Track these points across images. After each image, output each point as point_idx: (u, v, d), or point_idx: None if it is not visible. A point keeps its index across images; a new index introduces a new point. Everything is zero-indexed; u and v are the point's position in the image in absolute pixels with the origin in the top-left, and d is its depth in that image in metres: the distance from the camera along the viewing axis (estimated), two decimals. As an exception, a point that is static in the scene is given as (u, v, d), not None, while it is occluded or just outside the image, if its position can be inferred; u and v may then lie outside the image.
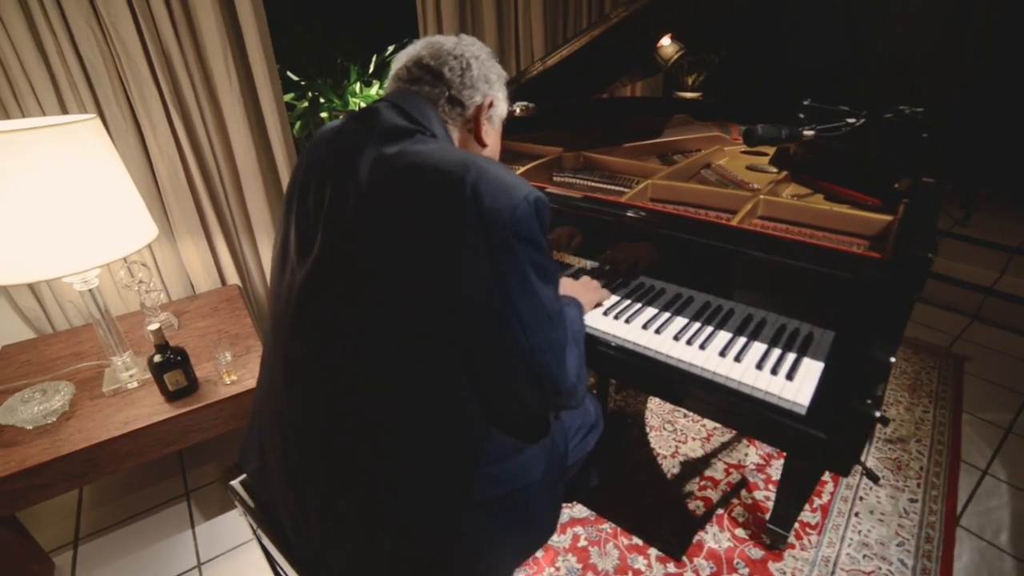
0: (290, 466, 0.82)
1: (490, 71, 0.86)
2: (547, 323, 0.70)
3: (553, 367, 0.72)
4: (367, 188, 0.72)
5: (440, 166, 0.70)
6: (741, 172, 1.57)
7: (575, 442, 1.11)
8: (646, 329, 1.08)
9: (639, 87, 3.27)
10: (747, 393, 0.91)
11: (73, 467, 1.32)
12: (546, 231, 0.71)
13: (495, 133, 0.90)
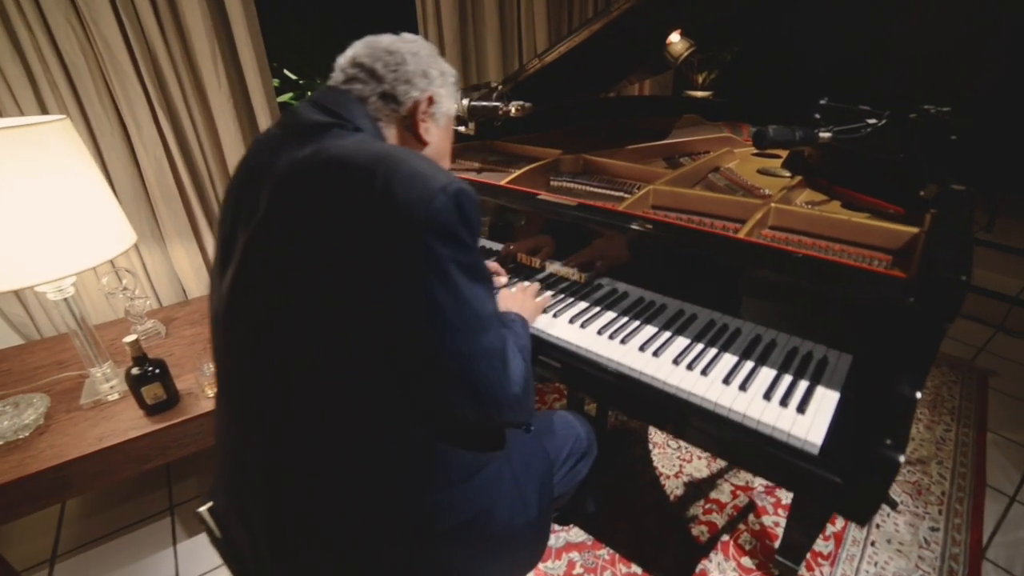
0: (237, 496, 0.77)
1: (430, 67, 0.82)
2: (478, 326, 0.64)
3: (490, 375, 0.66)
4: (277, 192, 0.69)
5: (351, 160, 0.66)
6: (752, 176, 1.47)
7: (564, 471, 1.03)
8: (643, 351, 0.99)
9: (648, 86, 3.17)
10: (752, 428, 0.82)
11: (41, 487, 1.27)
12: (472, 225, 0.64)
13: (441, 131, 0.85)
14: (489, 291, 0.68)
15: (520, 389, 0.70)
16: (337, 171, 0.66)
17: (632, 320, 1.10)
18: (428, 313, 0.62)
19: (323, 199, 0.65)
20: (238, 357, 0.73)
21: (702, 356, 0.97)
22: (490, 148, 1.85)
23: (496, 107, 1.55)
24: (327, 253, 0.64)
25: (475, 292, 0.64)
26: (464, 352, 0.64)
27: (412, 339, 0.63)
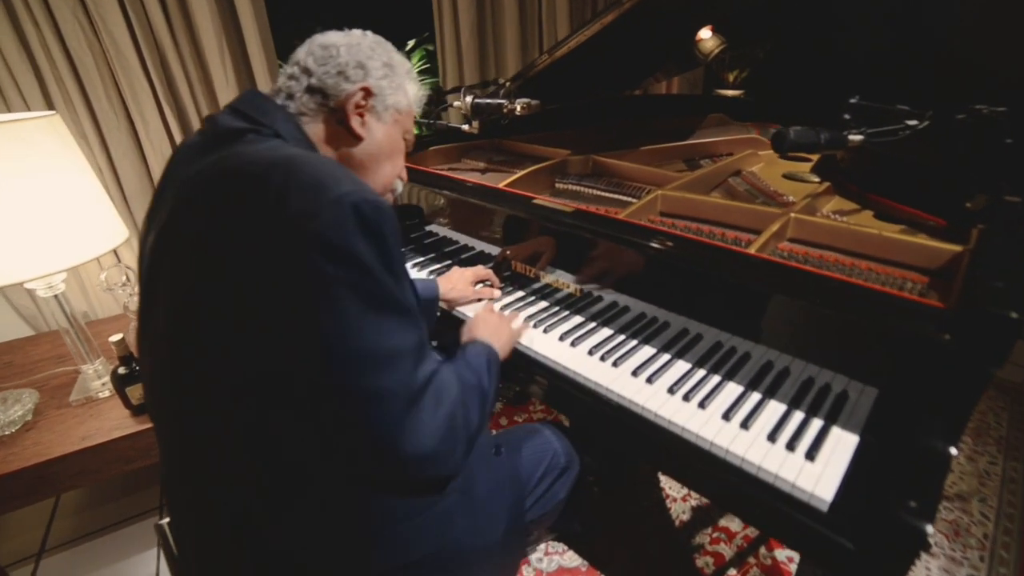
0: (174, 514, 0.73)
1: (371, 58, 0.75)
2: (373, 364, 0.56)
3: (386, 423, 0.57)
4: (176, 203, 0.64)
5: (248, 168, 0.60)
6: (776, 181, 1.34)
7: (540, 491, 0.95)
8: (636, 376, 0.89)
9: (677, 84, 3.02)
10: (751, 474, 0.71)
11: (21, 485, 1.25)
12: (377, 244, 0.56)
13: (383, 127, 0.78)
14: (403, 322, 0.58)
15: (434, 444, 0.60)
16: (232, 180, 0.60)
17: (630, 339, 1.00)
18: (313, 343, 0.55)
19: (216, 211, 0.60)
20: (149, 374, 0.68)
21: (702, 385, 0.86)
22: (499, 148, 1.77)
23: (500, 104, 1.46)
24: (219, 270, 0.58)
25: (372, 323, 0.56)
26: (353, 392, 0.55)
27: (300, 372, 0.56)
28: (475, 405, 0.71)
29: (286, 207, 0.55)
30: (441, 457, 0.62)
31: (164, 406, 0.67)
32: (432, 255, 1.47)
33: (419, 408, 0.59)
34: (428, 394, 0.61)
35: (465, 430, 0.66)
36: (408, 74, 0.81)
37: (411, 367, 0.59)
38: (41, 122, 1.17)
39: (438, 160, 1.69)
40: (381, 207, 0.57)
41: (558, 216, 1.06)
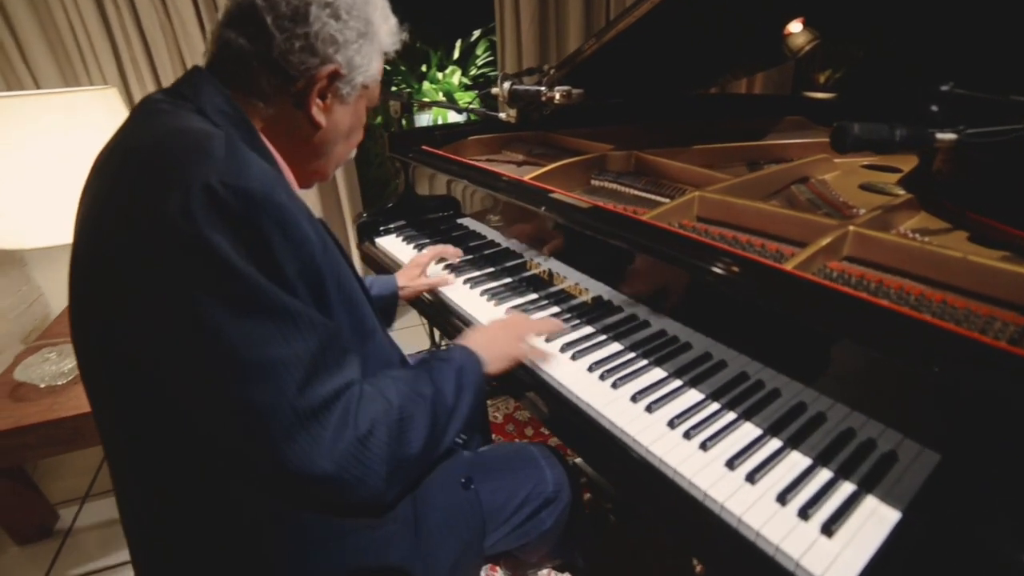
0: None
1: (345, 28, 0.62)
2: (240, 376, 0.49)
3: (264, 443, 0.50)
4: (85, 185, 0.59)
5: (129, 148, 0.55)
6: (848, 192, 1.15)
7: (520, 518, 0.85)
8: (635, 402, 0.77)
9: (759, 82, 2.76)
10: (749, 540, 0.58)
11: (64, 432, 1.34)
12: (243, 235, 0.48)
13: (346, 108, 0.68)
14: (282, 328, 0.50)
15: (332, 469, 0.52)
16: (103, 171, 0.56)
17: (640, 359, 0.88)
18: (173, 349, 0.49)
19: (97, 195, 0.56)
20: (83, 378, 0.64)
21: (711, 422, 0.73)
22: (543, 141, 1.67)
23: (539, 91, 1.36)
24: (94, 262, 0.54)
25: (237, 328, 0.48)
26: (225, 406, 0.50)
27: (168, 375, 0.51)
28: (420, 421, 0.62)
29: (139, 193, 0.50)
30: (347, 484, 0.54)
31: (87, 389, 0.63)
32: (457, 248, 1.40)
33: (311, 426, 0.51)
34: (332, 411, 0.53)
35: (391, 453, 0.57)
36: (385, 22, 0.69)
37: (297, 380, 0.51)
38: (96, 94, 1.23)
39: (477, 150, 1.63)
40: (249, 192, 0.49)
41: (572, 212, 0.95)
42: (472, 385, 0.73)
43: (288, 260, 0.52)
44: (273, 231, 0.50)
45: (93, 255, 0.55)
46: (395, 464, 0.58)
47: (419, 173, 1.55)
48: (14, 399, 1.39)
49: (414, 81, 2.82)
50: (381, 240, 1.52)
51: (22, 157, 1.16)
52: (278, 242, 0.50)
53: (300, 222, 0.54)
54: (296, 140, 0.67)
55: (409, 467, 0.61)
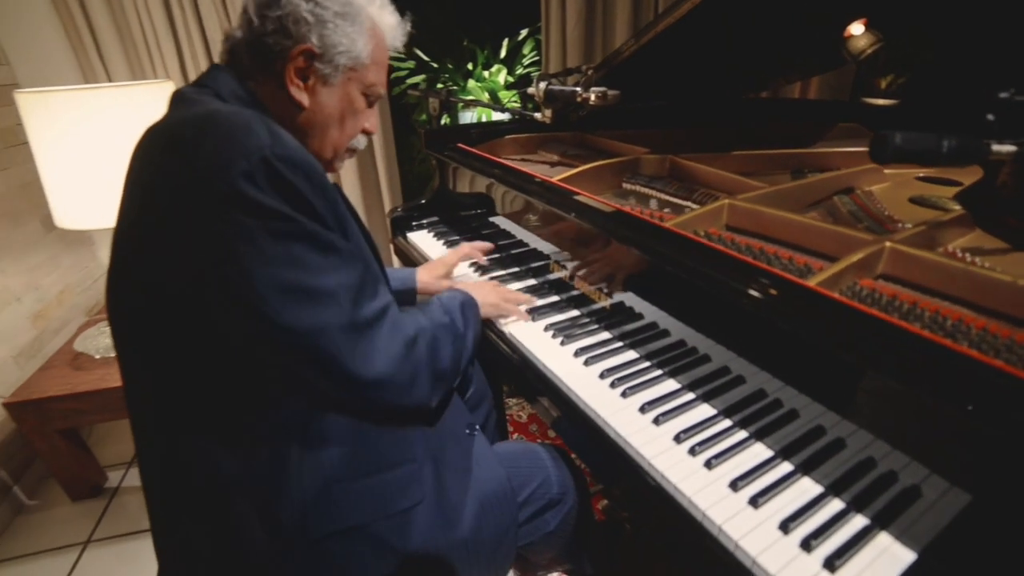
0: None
1: (317, 8, 0.66)
2: (306, 299, 0.57)
3: (331, 349, 0.59)
4: (129, 166, 0.64)
5: (174, 126, 0.60)
6: (897, 205, 1.08)
7: (525, 515, 0.87)
8: (643, 413, 0.76)
9: (815, 86, 2.62)
10: (745, 567, 0.55)
11: (115, 400, 1.44)
12: (290, 193, 0.56)
13: (332, 90, 0.71)
14: (331, 259, 0.59)
15: (389, 368, 0.62)
16: (157, 139, 0.61)
17: (654, 368, 0.86)
18: (242, 288, 0.55)
19: (144, 170, 0.61)
20: (117, 346, 0.69)
21: (719, 439, 0.70)
22: (580, 142, 1.66)
23: (574, 92, 1.35)
24: (148, 227, 0.59)
25: (295, 260, 0.57)
26: (293, 325, 0.57)
27: (234, 319, 0.57)
28: (446, 341, 0.72)
29: (198, 160, 0.55)
30: (398, 382, 0.64)
31: (119, 356, 0.68)
32: (485, 246, 1.41)
33: (368, 334, 0.61)
34: (382, 321, 0.63)
35: (431, 361, 0.68)
36: (380, 10, 0.73)
37: (351, 299, 0.60)
38: (155, 87, 1.31)
39: (512, 149, 1.63)
40: (294, 159, 0.56)
41: (593, 215, 0.94)
42: (473, 318, 0.84)
43: (326, 211, 0.60)
44: (315, 189, 0.58)
45: (146, 218, 0.60)
46: (434, 372, 0.69)
47: (461, 171, 1.56)
48: (73, 367, 1.51)
49: (460, 79, 2.85)
50: (413, 235, 1.55)
51: (90, 146, 1.25)
52: (318, 197, 0.59)
53: (329, 183, 0.62)
54: (287, 120, 0.71)
55: (444, 378, 0.72)
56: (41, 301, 1.77)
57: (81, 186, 1.29)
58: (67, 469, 1.55)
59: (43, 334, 1.75)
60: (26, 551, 1.45)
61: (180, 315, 0.58)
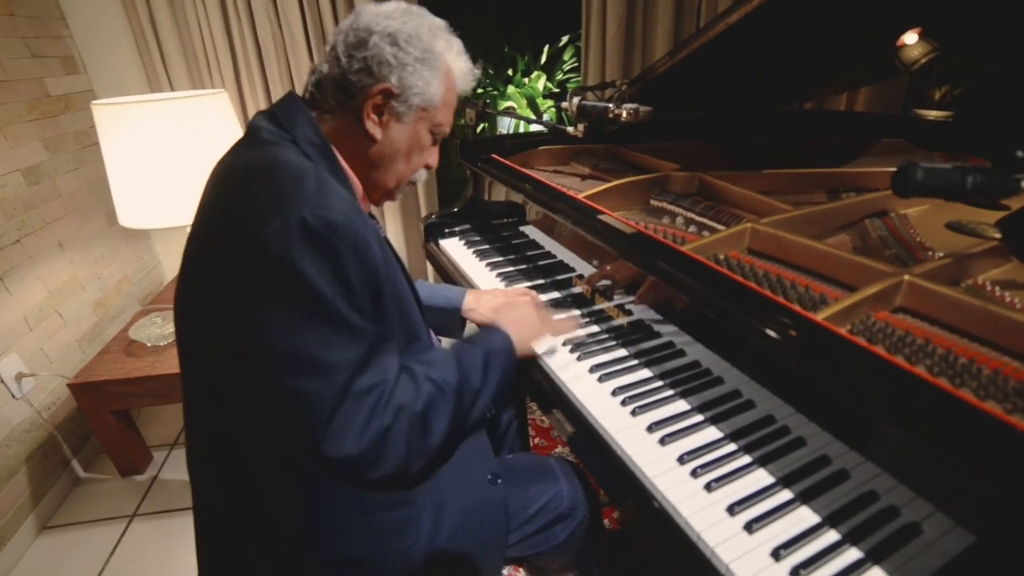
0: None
1: (402, 49, 0.71)
2: (300, 367, 0.60)
3: (308, 422, 0.61)
4: (202, 196, 0.72)
5: (237, 173, 0.67)
6: (931, 231, 1.05)
7: (533, 528, 0.89)
8: (650, 432, 0.78)
9: (862, 98, 2.54)
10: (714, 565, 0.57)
11: (161, 386, 1.56)
12: (326, 259, 0.60)
13: (403, 127, 0.76)
14: (340, 334, 0.62)
15: (356, 450, 0.62)
16: (222, 183, 0.68)
17: (667, 388, 0.87)
18: (253, 340, 0.60)
19: (208, 209, 0.69)
20: (179, 351, 0.77)
21: (722, 463, 0.72)
22: (613, 154, 1.67)
23: (606, 108, 1.37)
24: (203, 263, 0.67)
25: (307, 330, 0.60)
26: (283, 389, 0.61)
27: (246, 363, 0.63)
28: (443, 410, 0.71)
29: (248, 214, 0.61)
30: (367, 463, 0.64)
31: (181, 376, 0.76)
32: (512, 256, 1.45)
33: (346, 411, 0.62)
34: (364, 404, 0.63)
35: (409, 440, 0.67)
36: (456, 57, 0.77)
37: (343, 376, 0.62)
38: (210, 98, 1.41)
39: (545, 161, 1.66)
40: (333, 223, 0.60)
41: (613, 235, 0.96)
42: (499, 366, 0.81)
43: (355, 274, 0.63)
44: (347, 252, 0.61)
45: (202, 255, 0.68)
46: (414, 448, 0.68)
47: (493, 180, 1.60)
48: (127, 354, 1.63)
49: (500, 84, 2.90)
50: (445, 242, 1.60)
51: (153, 152, 1.36)
52: (349, 261, 0.61)
53: (370, 243, 0.64)
54: (358, 152, 0.77)
55: (432, 445, 0.70)
56: (102, 290, 1.92)
57: (143, 189, 1.40)
58: (118, 447, 1.67)
59: (102, 320, 1.90)
60: (81, 519, 1.58)
61: (215, 343, 0.66)
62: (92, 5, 1.83)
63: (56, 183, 1.74)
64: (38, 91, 1.69)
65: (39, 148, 1.68)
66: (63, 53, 1.82)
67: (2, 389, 1.46)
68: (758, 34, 1.23)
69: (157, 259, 2.28)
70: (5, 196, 1.53)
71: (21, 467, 1.50)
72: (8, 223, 1.53)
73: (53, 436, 1.63)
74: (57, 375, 1.64)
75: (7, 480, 1.45)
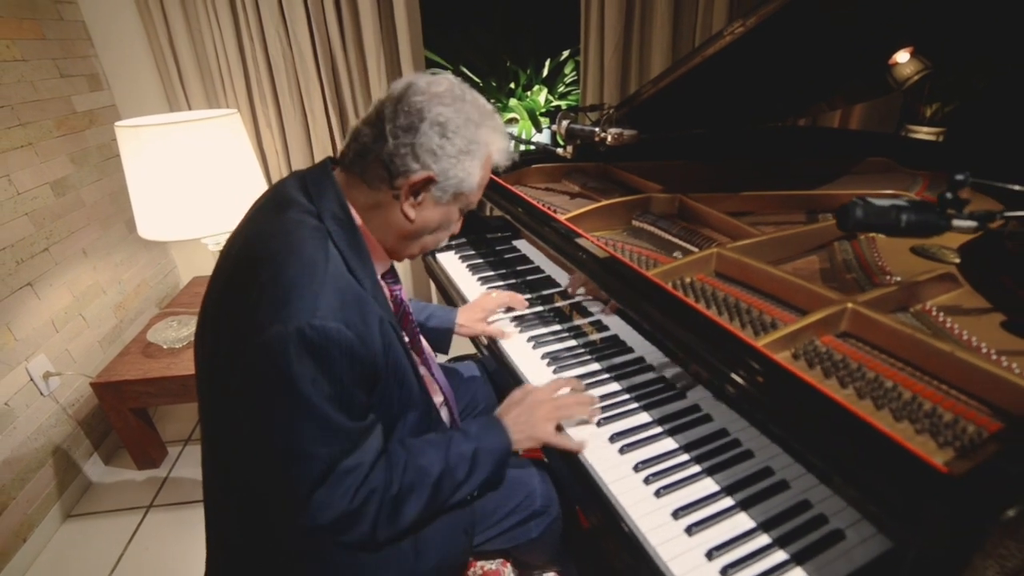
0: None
1: (449, 140, 0.73)
2: (285, 455, 0.67)
3: (289, 498, 0.69)
4: (223, 256, 0.79)
5: (261, 252, 0.71)
6: (894, 255, 1.11)
7: (508, 524, 0.97)
8: (613, 442, 0.85)
9: (858, 114, 2.58)
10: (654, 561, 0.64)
11: (176, 386, 1.66)
12: (317, 364, 0.65)
13: (439, 208, 0.79)
14: (325, 434, 0.67)
15: (324, 522, 0.69)
16: (249, 247, 0.74)
17: (631, 401, 0.95)
18: (246, 422, 0.69)
19: (230, 285, 0.74)
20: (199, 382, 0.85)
21: (673, 472, 0.79)
22: (603, 173, 1.74)
23: (592, 132, 1.45)
24: (217, 320, 0.75)
25: (292, 428, 0.66)
26: (262, 468, 0.70)
27: (236, 432, 0.72)
28: (416, 501, 0.76)
29: (257, 305, 0.66)
30: (338, 533, 0.72)
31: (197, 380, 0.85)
32: (503, 271, 1.53)
33: (321, 497, 0.69)
34: (339, 488, 0.69)
35: (376, 521, 0.73)
36: (498, 141, 0.79)
37: (322, 468, 0.68)
38: (223, 120, 1.51)
39: (537, 179, 1.73)
40: (328, 333, 0.64)
41: (586, 258, 1.03)
42: (489, 464, 0.84)
43: (347, 374, 0.67)
44: (341, 358, 0.66)
45: (220, 318, 0.75)
46: (381, 526, 0.74)
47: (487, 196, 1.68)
48: (145, 355, 1.74)
49: (503, 97, 2.98)
50: (441, 255, 1.69)
51: (170, 169, 1.46)
52: (341, 364, 0.66)
53: (366, 339, 0.69)
54: (389, 225, 0.79)
55: (400, 526, 0.76)
56: (122, 294, 2.03)
57: (161, 203, 1.50)
58: (136, 442, 1.78)
59: (122, 322, 2.01)
60: (102, 508, 1.70)
61: (222, 390, 0.74)
62: (116, 25, 1.94)
63: (80, 194, 1.85)
64: (65, 108, 1.81)
65: (66, 162, 1.79)
66: (88, 71, 1.93)
67: (31, 387, 1.58)
68: (743, 58, 1.29)
69: (173, 264, 2.40)
70: (36, 208, 1.65)
71: (48, 459, 1.61)
72: (38, 232, 1.65)
73: (76, 431, 1.75)
74: (81, 374, 1.76)
75: (36, 471, 1.56)
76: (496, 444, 0.85)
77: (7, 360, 1.50)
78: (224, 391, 0.73)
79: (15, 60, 1.61)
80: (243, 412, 0.69)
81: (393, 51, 2.06)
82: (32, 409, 1.58)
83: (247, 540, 0.80)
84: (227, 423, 0.75)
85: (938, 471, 0.52)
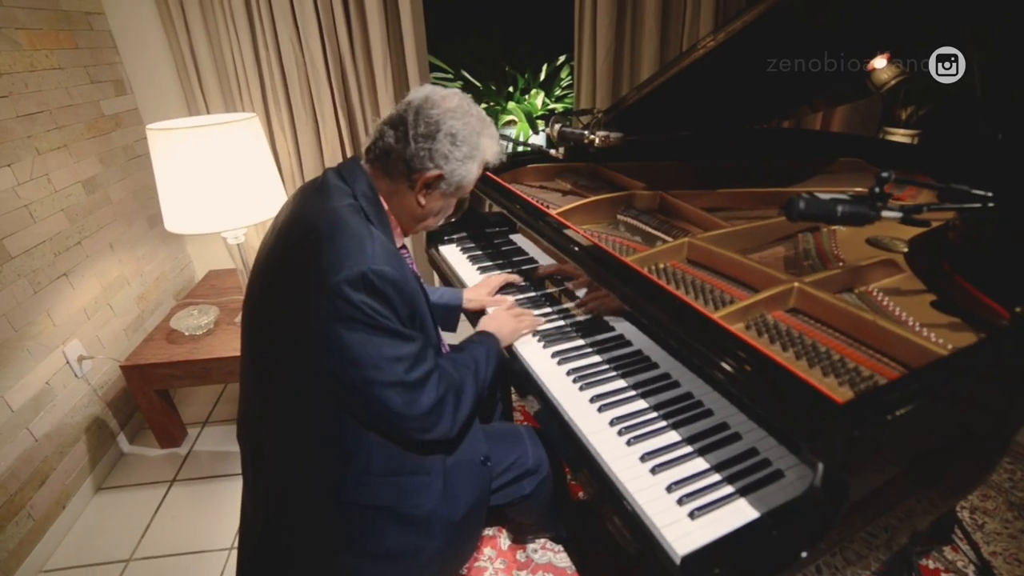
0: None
1: (458, 146, 0.91)
2: (374, 365, 0.83)
3: (389, 397, 0.85)
4: (275, 233, 0.93)
5: (317, 221, 0.87)
6: (850, 245, 1.24)
7: (504, 480, 1.12)
8: (592, 403, 0.99)
9: (840, 116, 2.70)
10: (636, 513, 0.77)
11: (196, 369, 1.80)
12: (380, 299, 0.82)
13: (443, 198, 0.99)
14: (396, 341, 0.84)
15: (421, 413, 0.88)
16: (300, 225, 0.90)
17: (611, 370, 1.08)
18: (336, 351, 0.82)
19: (283, 248, 0.90)
20: (245, 338, 1.00)
21: (643, 426, 0.92)
22: (594, 172, 1.87)
23: (582, 135, 1.58)
24: (283, 282, 0.89)
25: (374, 340, 0.82)
26: (365, 381, 0.84)
27: (329, 367, 0.84)
28: (470, 389, 0.98)
29: (321, 264, 0.82)
30: (431, 424, 0.90)
31: (246, 356, 0.99)
32: (501, 261, 1.66)
33: (414, 390, 0.86)
34: (426, 382, 0.88)
35: (455, 407, 0.94)
36: (492, 145, 0.98)
37: (405, 367, 0.85)
38: (243, 124, 1.64)
39: (533, 177, 1.86)
40: (384, 275, 0.81)
41: (575, 248, 1.16)
42: (493, 358, 1.08)
43: (400, 308, 0.85)
44: (395, 294, 0.84)
45: (274, 289, 0.90)
46: (457, 415, 0.94)
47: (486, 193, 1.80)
48: (168, 341, 1.88)
49: (502, 100, 3.12)
50: (443, 248, 1.82)
51: (194, 169, 1.59)
52: (396, 299, 0.84)
53: (409, 281, 0.86)
54: (404, 207, 0.98)
55: (464, 415, 0.96)
56: (143, 285, 2.17)
57: (186, 200, 1.64)
58: (159, 422, 1.92)
59: (143, 312, 2.15)
60: (130, 482, 1.83)
61: (293, 346, 0.87)
62: (139, 34, 2.08)
63: (108, 192, 1.99)
64: (95, 112, 1.94)
65: (95, 162, 1.93)
66: (115, 77, 2.07)
67: (67, 369, 1.71)
68: (722, 66, 1.42)
69: (189, 259, 2.53)
70: (70, 204, 1.78)
71: (81, 436, 1.75)
72: (72, 227, 1.79)
73: (105, 411, 1.88)
74: (110, 358, 1.89)
75: (71, 446, 1.70)
76: (494, 344, 1.12)
77: (47, 343, 1.64)
78: (293, 349, 0.86)
79: (53, 68, 1.75)
80: (332, 352, 0.82)
81: (400, 59, 2.19)
82: (68, 389, 1.71)
83: (305, 495, 0.93)
84: (297, 377, 0.88)
85: (835, 402, 0.65)
